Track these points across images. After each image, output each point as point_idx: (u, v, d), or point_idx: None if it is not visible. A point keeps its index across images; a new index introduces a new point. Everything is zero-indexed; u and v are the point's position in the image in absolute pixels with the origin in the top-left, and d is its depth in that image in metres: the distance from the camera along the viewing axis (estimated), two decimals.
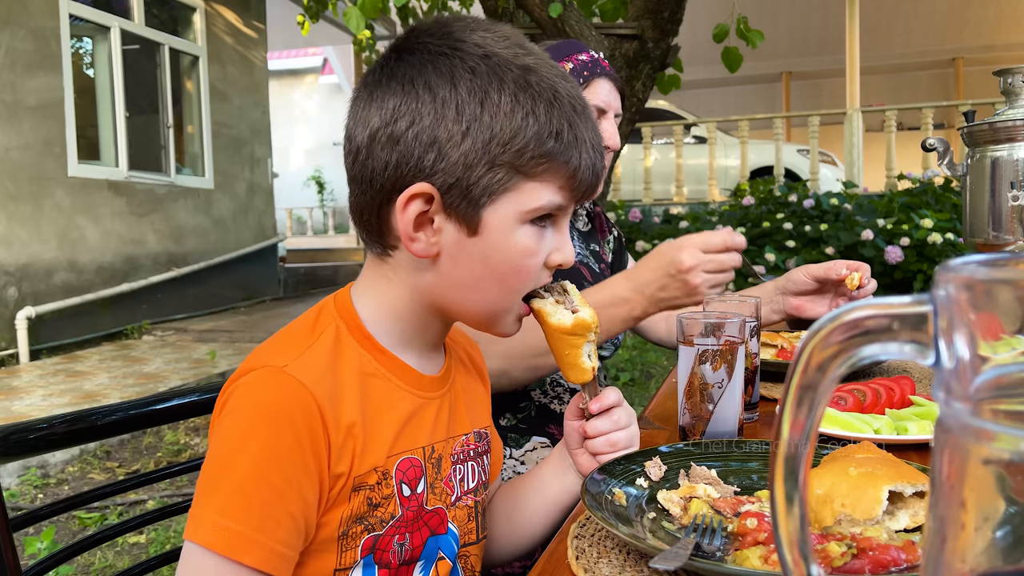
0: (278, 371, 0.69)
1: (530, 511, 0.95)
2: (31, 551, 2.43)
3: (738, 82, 12.62)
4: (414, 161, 0.71)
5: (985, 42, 12.80)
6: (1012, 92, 1.43)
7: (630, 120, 4.04)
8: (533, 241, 0.75)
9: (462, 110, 0.70)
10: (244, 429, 0.68)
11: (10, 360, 5.41)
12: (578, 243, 1.60)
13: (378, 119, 0.73)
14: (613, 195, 8.63)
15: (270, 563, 0.66)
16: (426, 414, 0.79)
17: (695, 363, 1.01)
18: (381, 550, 0.74)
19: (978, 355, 0.25)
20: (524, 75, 0.72)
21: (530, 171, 0.72)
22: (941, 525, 0.26)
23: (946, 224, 5.69)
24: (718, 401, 1.00)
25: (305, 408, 0.68)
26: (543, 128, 0.71)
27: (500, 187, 0.72)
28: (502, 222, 0.73)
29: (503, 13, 4.32)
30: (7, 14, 5.50)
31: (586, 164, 0.75)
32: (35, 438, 0.91)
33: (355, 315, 0.77)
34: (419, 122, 0.71)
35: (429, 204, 0.72)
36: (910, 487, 0.73)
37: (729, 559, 0.69)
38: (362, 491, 0.72)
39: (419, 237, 0.73)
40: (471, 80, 0.71)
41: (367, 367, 0.75)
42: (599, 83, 1.46)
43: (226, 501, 0.66)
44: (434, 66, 0.72)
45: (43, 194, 5.77)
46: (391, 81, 0.73)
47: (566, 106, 0.73)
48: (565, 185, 0.74)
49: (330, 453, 0.69)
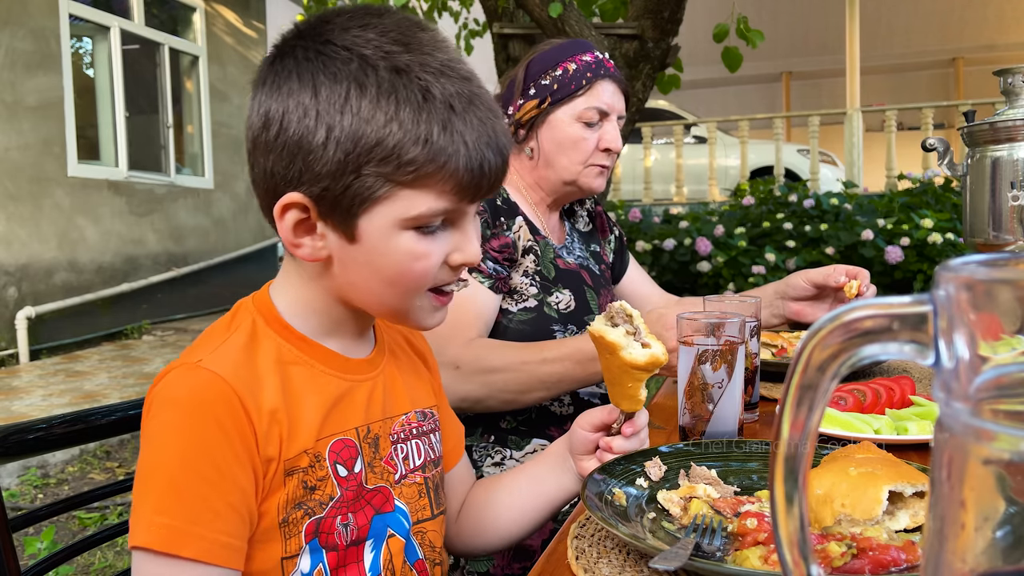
0: (193, 366, 0.70)
1: (520, 505, 0.96)
2: (31, 551, 2.43)
3: (738, 82, 12.61)
4: (283, 171, 0.71)
5: (985, 42, 12.80)
6: (1012, 92, 1.43)
7: (630, 120, 4.04)
8: (420, 246, 0.73)
9: (322, 118, 0.69)
10: (168, 428, 0.68)
11: (10, 360, 5.41)
12: (578, 244, 1.60)
13: (257, 123, 0.73)
14: (613, 195, 8.63)
15: (212, 553, 0.66)
16: (357, 396, 0.79)
17: (695, 363, 1.01)
18: (325, 533, 0.74)
19: (978, 355, 0.25)
20: (391, 77, 0.69)
21: (401, 179, 0.69)
22: (941, 525, 0.26)
23: (946, 224, 5.69)
24: (718, 401, 1.00)
25: (225, 398, 0.69)
26: (408, 134, 0.68)
27: (372, 195, 0.70)
28: (379, 230, 0.71)
29: (503, 13, 4.32)
30: (7, 14, 5.49)
31: (468, 164, 0.71)
32: (35, 438, 0.91)
33: (273, 308, 0.78)
34: (285, 131, 0.70)
35: (306, 212, 0.72)
36: (910, 487, 0.73)
37: (729, 559, 0.69)
38: (295, 475, 0.72)
39: (303, 243, 0.73)
40: (331, 87, 0.69)
41: (287, 355, 0.76)
42: (602, 85, 1.45)
43: (159, 499, 0.66)
44: (298, 72, 0.71)
45: (43, 194, 5.77)
46: (264, 85, 0.73)
47: (439, 107, 0.69)
48: (449, 189, 0.71)
49: (257, 439, 0.70)
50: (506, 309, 1.38)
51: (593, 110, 1.44)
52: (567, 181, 1.47)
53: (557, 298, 1.41)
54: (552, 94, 1.44)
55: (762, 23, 5.99)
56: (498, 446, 1.38)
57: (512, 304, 1.38)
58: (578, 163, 1.45)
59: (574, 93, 1.44)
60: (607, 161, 1.48)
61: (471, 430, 1.39)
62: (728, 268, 6.00)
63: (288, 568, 0.73)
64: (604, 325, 0.84)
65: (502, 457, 1.37)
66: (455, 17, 5.70)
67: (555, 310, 1.40)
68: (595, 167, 1.47)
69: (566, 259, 1.50)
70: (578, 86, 1.44)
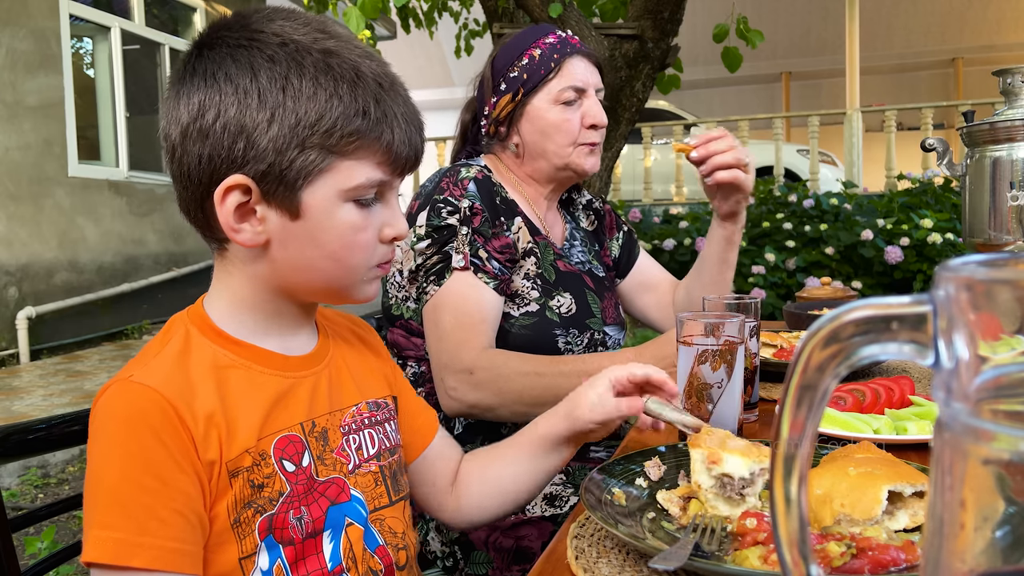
0: (125, 382, 0.72)
1: (526, 469, 0.98)
2: (31, 551, 2.43)
3: (738, 82, 12.62)
4: (224, 153, 0.73)
5: (985, 42, 12.80)
6: (1012, 92, 1.43)
7: (630, 120, 4.04)
8: (359, 218, 0.77)
9: (264, 98, 0.72)
10: (107, 444, 0.69)
11: (10, 360, 5.41)
12: (580, 244, 1.58)
13: (186, 115, 0.75)
14: (613, 195, 8.62)
15: (163, 560, 0.67)
16: (299, 392, 0.80)
17: (694, 363, 1.01)
18: (279, 528, 0.75)
19: (978, 355, 0.25)
20: (324, 58, 0.74)
21: (342, 150, 0.74)
22: (941, 525, 0.26)
23: (946, 224, 5.69)
24: (717, 401, 1.00)
25: (159, 408, 0.70)
26: (348, 107, 0.73)
27: (315, 168, 0.74)
28: (322, 202, 0.75)
29: (503, 13, 4.32)
30: (7, 14, 5.49)
31: (400, 139, 0.77)
32: (35, 438, 0.91)
33: (206, 317, 0.80)
34: (224, 114, 0.73)
35: (248, 195, 0.74)
36: (909, 487, 0.73)
37: (729, 559, 0.69)
38: (240, 475, 0.73)
39: (243, 228, 0.75)
40: (271, 68, 0.73)
41: (222, 360, 0.77)
42: (572, 62, 1.43)
43: (104, 514, 0.67)
44: (233, 58, 0.74)
45: (43, 194, 5.77)
46: (194, 77, 0.75)
47: (371, 84, 0.75)
48: (383, 161, 0.76)
49: (195, 444, 0.71)
50: (508, 314, 1.36)
51: (569, 89, 1.41)
52: (559, 167, 1.45)
53: (559, 302, 1.40)
54: (523, 84, 1.42)
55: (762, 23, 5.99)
56: None
57: (514, 308, 1.37)
58: (566, 145, 1.43)
59: (545, 78, 1.41)
60: (596, 137, 1.45)
61: (471, 438, 1.38)
62: None
63: (248, 568, 0.74)
64: (694, 449, 0.81)
65: None
66: (455, 17, 5.71)
67: (557, 314, 1.39)
68: (584, 146, 1.44)
69: (566, 261, 1.49)
70: (547, 70, 1.41)
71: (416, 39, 7.70)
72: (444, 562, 1.31)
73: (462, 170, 1.40)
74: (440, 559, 1.32)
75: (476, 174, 1.39)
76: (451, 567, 1.30)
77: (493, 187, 1.41)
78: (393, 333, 1.42)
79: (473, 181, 1.37)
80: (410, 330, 1.39)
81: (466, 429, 1.39)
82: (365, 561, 0.81)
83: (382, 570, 0.83)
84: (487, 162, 1.50)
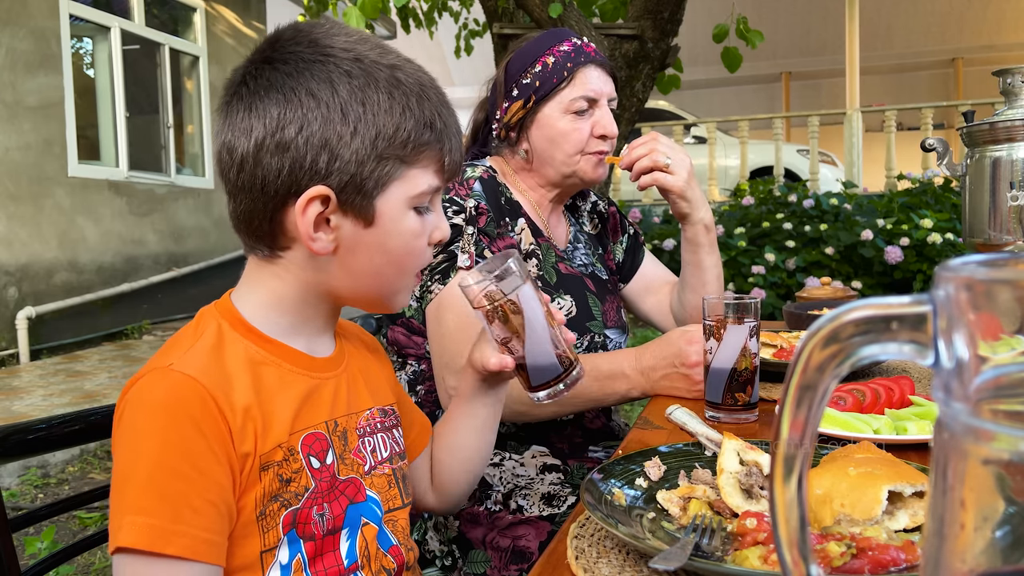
0: (164, 370, 0.72)
1: (468, 441, 1.02)
2: (31, 551, 2.43)
3: (738, 82, 12.62)
4: (308, 165, 0.76)
5: (985, 42, 12.80)
6: (1011, 92, 1.43)
7: (630, 120, 4.04)
8: (418, 224, 0.82)
9: (347, 112, 0.76)
10: (142, 431, 0.70)
11: (10, 360, 5.41)
12: (583, 247, 1.58)
13: (262, 128, 0.76)
14: (613, 195, 8.63)
15: (195, 550, 0.68)
16: (324, 392, 0.83)
17: (484, 326, 0.94)
18: (302, 523, 0.76)
19: (977, 355, 0.25)
20: (392, 73, 0.78)
21: (412, 159, 0.79)
22: (940, 525, 0.26)
23: (946, 224, 5.69)
24: (524, 352, 0.92)
25: (198, 397, 0.71)
26: (419, 120, 0.78)
27: (389, 177, 0.78)
28: (392, 210, 0.79)
29: (503, 13, 4.32)
30: (7, 14, 5.49)
31: (455, 147, 0.83)
32: (35, 438, 0.91)
33: (237, 313, 0.81)
34: (308, 127, 0.75)
35: (326, 205, 0.77)
36: (909, 487, 0.73)
37: (728, 559, 0.69)
38: (270, 469, 0.75)
39: (319, 237, 0.77)
40: (349, 83, 0.76)
41: (255, 356, 0.78)
42: (585, 72, 1.42)
43: (137, 500, 0.67)
44: (311, 73, 0.77)
45: (43, 194, 5.76)
46: (270, 91, 0.77)
47: (433, 98, 0.81)
48: (439, 168, 0.82)
49: (232, 436, 0.72)
50: None
51: (581, 99, 1.41)
52: (567, 175, 1.45)
53: (559, 304, 1.40)
54: (535, 91, 1.42)
55: (762, 23, 5.99)
56: (497, 448, 1.38)
57: None
58: (574, 154, 1.43)
59: (557, 87, 1.41)
60: (604, 147, 1.45)
61: None
62: (728, 268, 5.99)
63: (268, 561, 0.74)
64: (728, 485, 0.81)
65: (500, 459, 1.37)
66: (455, 17, 5.71)
67: None
68: (593, 155, 1.44)
69: (568, 264, 1.49)
70: (560, 78, 1.40)
71: (416, 39, 7.70)
72: (443, 561, 1.31)
73: (468, 170, 1.40)
74: (439, 558, 1.32)
75: (482, 174, 1.39)
76: (449, 566, 1.30)
77: (498, 187, 1.41)
78: (394, 331, 1.42)
79: (479, 181, 1.38)
80: (411, 328, 1.39)
81: None
82: (378, 560, 0.83)
83: (394, 569, 0.85)
84: (492, 163, 1.50)
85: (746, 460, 0.82)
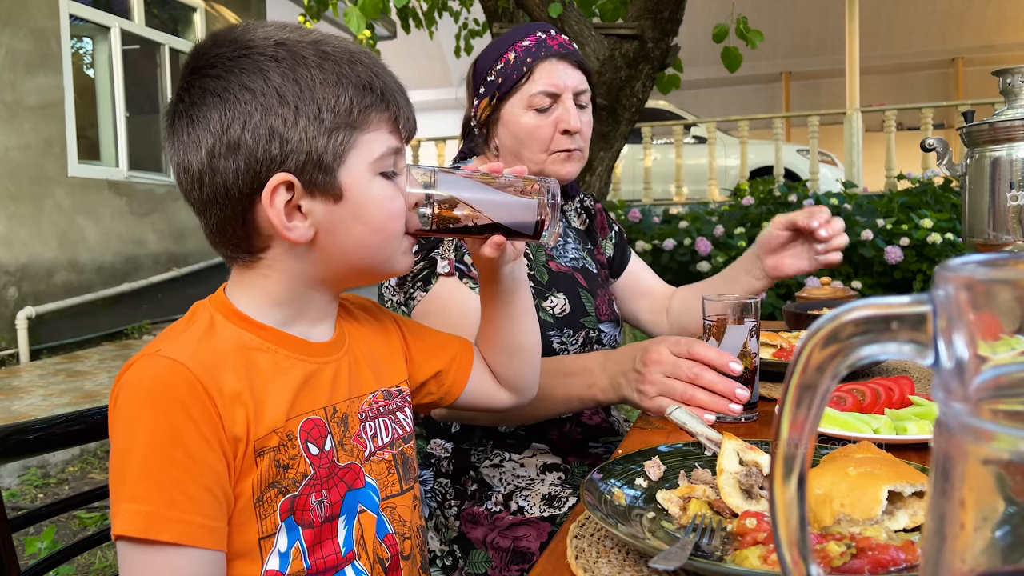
0: (153, 356, 0.72)
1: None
2: (31, 551, 2.43)
3: (738, 82, 12.62)
4: (262, 157, 0.75)
5: (985, 42, 12.80)
6: (1011, 92, 1.43)
7: (630, 120, 4.04)
8: (389, 188, 0.81)
9: (284, 94, 0.76)
10: (134, 417, 0.70)
11: (10, 360, 5.41)
12: (573, 243, 1.58)
13: (209, 136, 0.76)
14: (613, 195, 8.62)
15: (191, 536, 0.68)
16: (322, 377, 0.82)
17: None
18: (300, 510, 0.76)
19: (977, 355, 0.25)
20: (318, 47, 0.78)
21: (361, 125, 0.79)
22: (940, 525, 0.26)
23: (946, 224, 5.69)
24: (492, 218, 0.95)
25: (186, 382, 0.71)
26: (357, 84, 0.78)
27: (343, 147, 0.78)
28: (357, 179, 0.79)
29: (503, 13, 4.32)
30: (7, 14, 5.49)
31: (403, 104, 0.83)
32: (35, 438, 0.91)
33: (230, 304, 0.81)
34: (251, 121, 0.75)
35: (291, 191, 0.76)
36: (909, 487, 0.73)
37: (728, 559, 0.69)
38: (266, 454, 0.74)
39: (294, 225, 0.77)
40: (278, 67, 0.76)
41: (249, 343, 0.78)
42: (545, 66, 1.39)
43: (133, 487, 0.68)
44: (239, 69, 0.77)
45: (43, 194, 5.76)
46: (205, 98, 0.77)
47: (365, 61, 0.81)
48: (393, 129, 0.82)
49: (221, 419, 0.72)
50: None
51: (540, 95, 1.38)
52: (535, 173, 1.43)
53: (552, 302, 1.39)
54: (498, 88, 1.40)
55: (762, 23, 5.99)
56: (497, 449, 1.38)
57: None
58: (539, 152, 1.40)
59: (517, 83, 1.38)
60: (571, 144, 1.41)
61: (469, 435, 1.38)
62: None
63: (266, 548, 0.74)
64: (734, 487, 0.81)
65: (501, 459, 1.37)
66: (455, 17, 5.71)
67: (550, 315, 1.38)
68: (559, 153, 1.41)
69: (558, 261, 1.48)
70: (520, 74, 1.38)
71: (416, 39, 7.70)
72: (443, 561, 1.31)
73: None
74: (440, 558, 1.32)
75: None
76: (450, 566, 1.30)
77: None
78: None
79: None
80: None
81: (463, 426, 1.39)
82: (374, 548, 0.83)
83: (388, 559, 0.84)
84: (477, 161, 1.49)
85: (746, 460, 0.82)
